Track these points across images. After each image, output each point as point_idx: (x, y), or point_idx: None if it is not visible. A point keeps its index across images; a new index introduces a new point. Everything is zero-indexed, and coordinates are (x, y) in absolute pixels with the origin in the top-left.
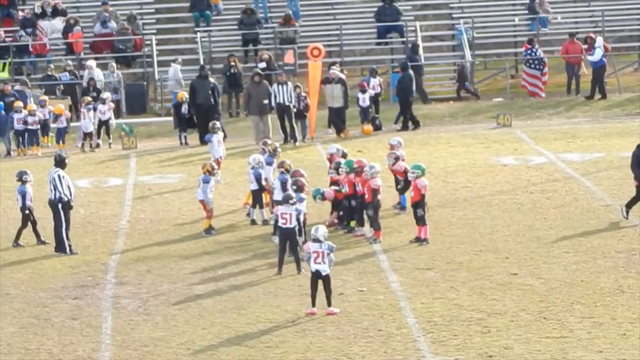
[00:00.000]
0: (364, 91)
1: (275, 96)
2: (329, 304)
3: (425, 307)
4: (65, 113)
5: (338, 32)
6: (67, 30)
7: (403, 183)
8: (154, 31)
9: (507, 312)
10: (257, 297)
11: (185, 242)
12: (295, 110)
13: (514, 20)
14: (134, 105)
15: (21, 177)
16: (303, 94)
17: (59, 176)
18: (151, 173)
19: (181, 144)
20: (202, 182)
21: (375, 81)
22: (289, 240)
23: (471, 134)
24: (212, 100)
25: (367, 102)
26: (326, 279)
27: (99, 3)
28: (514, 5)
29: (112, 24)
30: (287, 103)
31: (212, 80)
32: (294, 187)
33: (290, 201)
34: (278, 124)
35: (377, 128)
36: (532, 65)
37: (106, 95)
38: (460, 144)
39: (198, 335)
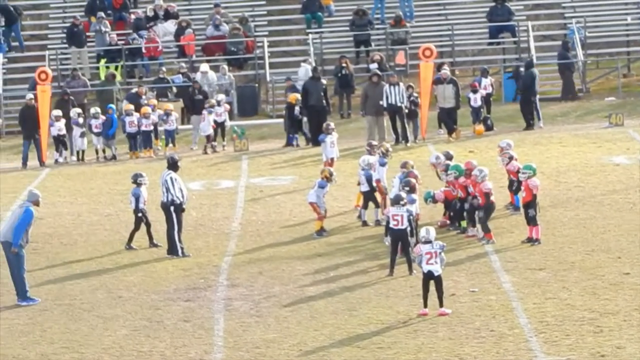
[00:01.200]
0: (475, 91)
1: (387, 97)
2: (441, 305)
3: (537, 307)
4: (174, 114)
5: (450, 32)
6: (179, 32)
7: (516, 183)
8: (266, 33)
9: (619, 311)
10: (369, 298)
11: (297, 243)
12: (407, 110)
13: (626, 20)
14: (246, 108)
15: (136, 180)
16: (415, 94)
17: (171, 179)
18: (263, 175)
19: (292, 145)
20: (318, 187)
21: (486, 81)
22: (401, 241)
23: (583, 133)
24: (324, 101)
25: (479, 102)
26: (438, 280)
27: (211, 5)
28: (626, 4)
29: (224, 26)
30: (398, 104)
31: (323, 81)
32: (406, 188)
33: (401, 202)
34: (389, 125)
35: (489, 128)
36: None
37: (221, 97)
38: (572, 143)
39: (310, 336)
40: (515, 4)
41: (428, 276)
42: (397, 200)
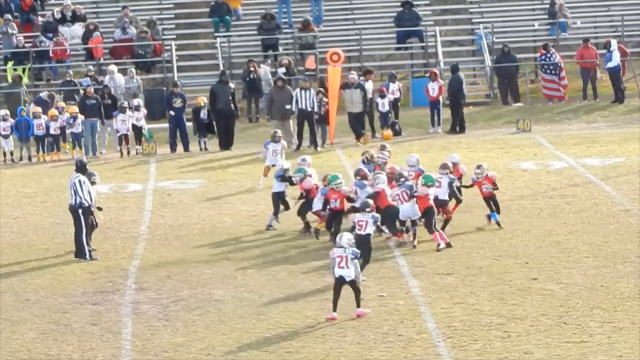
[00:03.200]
0: (383, 96)
1: (297, 101)
2: (358, 305)
3: (445, 312)
4: (80, 117)
5: (357, 37)
6: (86, 35)
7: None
8: (174, 36)
9: (527, 317)
10: (278, 302)
11: (205, 247)
12: (317, 116)
13: (533, 25)
14: (154, 111)
15: (90, 179)
16: (325, 100)
17: (79, 181)
18: (171, 179)
19: (200, 149)
20: (321, 194)
21: (394, 86)
22: (364, 248)
23: (491, 139)
24: (232, 105)
25: (387, 107)
26: (351, 284)
27: (119, 8)
28: (533, 10)
29: (132, 30)
30: (309, 109)
31: (231, 85)
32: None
33: (367, 209)
34: (296, 130)
35: (397, 133)
36: (548, 71)
37: (137, 101)
38: (480, 149)
39: (218, 340)
40: (423, 9)
41: (340, 281)
42: (363, 207)
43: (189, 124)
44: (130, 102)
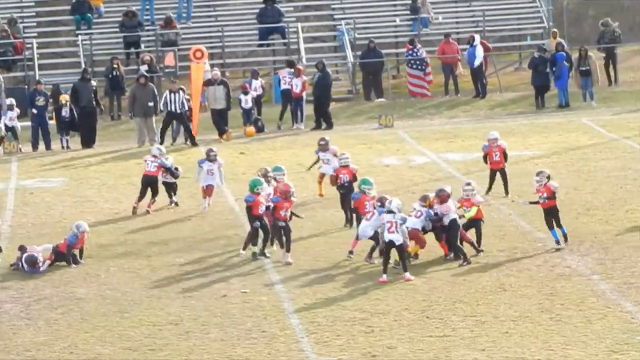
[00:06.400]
0: (246, 93)
1: (167, 104)
2: (406, 270)
3: (308, 307)
4: None
5: (220, 33)
6: None
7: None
8: (35, 34)
9: (390, 311)
10: (140, 300)
11: None
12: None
13: (395, 21)
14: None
15: None
16: (186, 97)
17: None
18: (33, 177)
19: (63, 147)
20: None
21: (257, 83)
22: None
23: (354, 134)
24: (94, 103)
25: (250, 104)
26: (399, 248)
27: None
28: (395, 5)
29: None
30: (178, 111)
31: (93, 83)
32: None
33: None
34: (159, 127)
35: (260, 130)
36: (414, 66)
37: (10, 100)
38: (343, 144)
39: (80, 339)
40: (285, 5)
41: (389, 245)
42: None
43: (52, 122)
44: (2, 102)
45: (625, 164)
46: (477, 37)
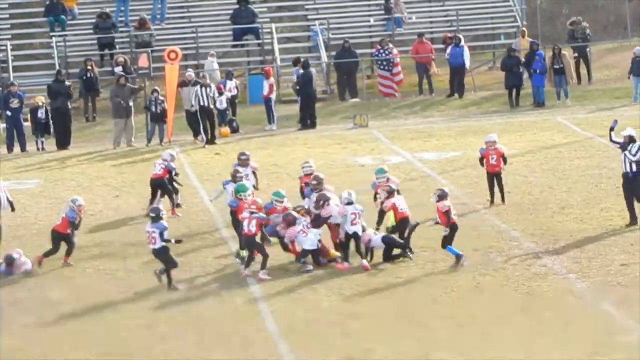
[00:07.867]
0: (220, 93)
1: (198, 98)
2: (362, 258)
3: (285, 310)
4: None
5: (194, 34)
6: None
7: None
8: (9, 36)
9: (366, 313)
10: (116, 302)
11: (44, 248)
12: (154, 114)
13: (369, 21)
14: None
15: None
16: (160, 98)
17: None
18: (8, 179)
19: (38, 149)
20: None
21: (231, 83)
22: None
23: (328, 134)
24: (68, 104)
25: (224, 105)
26: (358, 238)
27: None
28: (369, 5)
29: None
30: (211, 106)
31: (67, 84)
32: None
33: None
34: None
35: (235, 130)
36: (382, 67)
37: None
38: (318, 144)
39: (55, 343)
40: (259, 6)
41: (354, 237)
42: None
43: (27, 124)
44: None
45: (600, 162)
46: (461, 38)
